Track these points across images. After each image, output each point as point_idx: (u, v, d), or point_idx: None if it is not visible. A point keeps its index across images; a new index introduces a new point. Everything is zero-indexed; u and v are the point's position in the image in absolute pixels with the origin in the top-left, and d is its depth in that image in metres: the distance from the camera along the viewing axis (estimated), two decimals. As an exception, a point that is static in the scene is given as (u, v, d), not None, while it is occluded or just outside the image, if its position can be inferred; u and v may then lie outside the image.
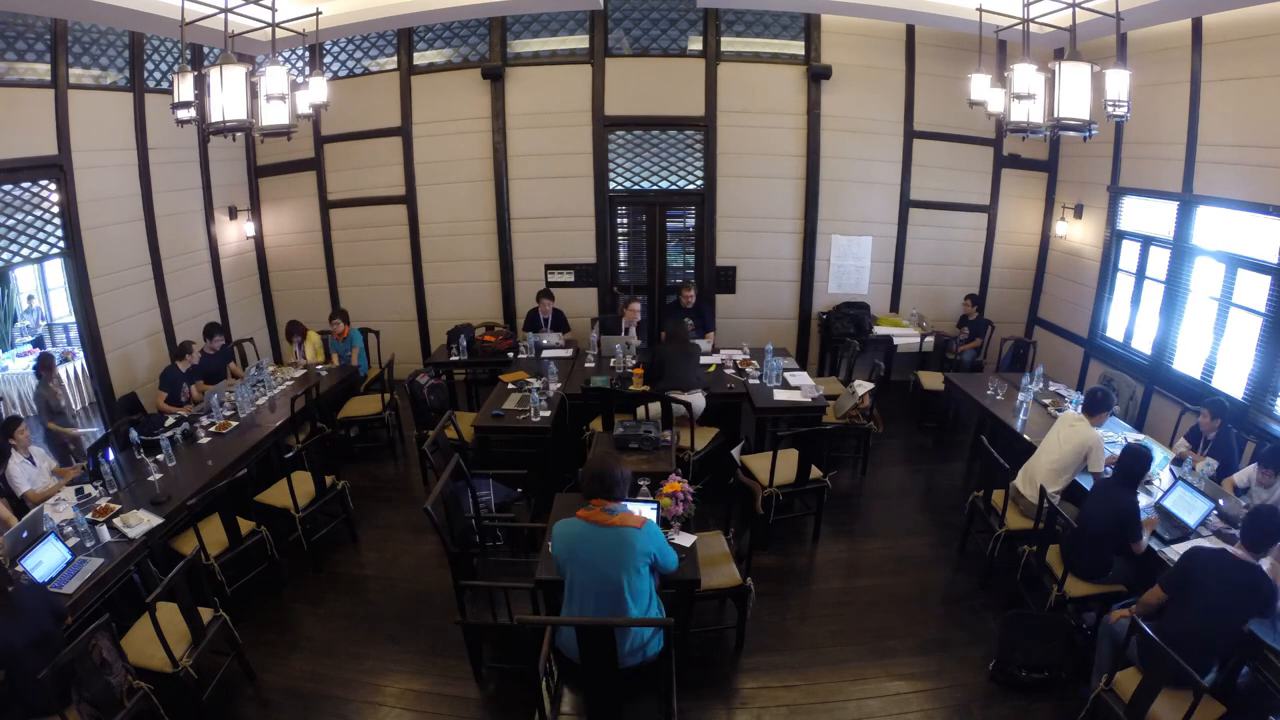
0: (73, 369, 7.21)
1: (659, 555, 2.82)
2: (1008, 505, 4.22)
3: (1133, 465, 3.56)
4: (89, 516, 3.72)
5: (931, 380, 6.57)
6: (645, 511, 3.26)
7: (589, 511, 2.81)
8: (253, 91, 3.60)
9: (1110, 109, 3.80)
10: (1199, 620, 2.88)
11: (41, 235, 5.31)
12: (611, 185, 7.40)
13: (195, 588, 3.61)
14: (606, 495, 2.82)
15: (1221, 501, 3.78)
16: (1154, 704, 2.73)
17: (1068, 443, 4.10)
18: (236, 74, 3.52)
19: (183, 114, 3.67)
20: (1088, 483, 4.04)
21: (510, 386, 5.59)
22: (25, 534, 3.41)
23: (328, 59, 7.29)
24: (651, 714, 2.90)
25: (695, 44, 7.09)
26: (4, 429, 4.25)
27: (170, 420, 5.01)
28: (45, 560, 3.29)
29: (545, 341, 6.67)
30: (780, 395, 5.35)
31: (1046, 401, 5.33)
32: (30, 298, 8.28)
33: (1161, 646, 2.64)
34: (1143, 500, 3.82)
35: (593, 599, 2.74)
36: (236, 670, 3.61)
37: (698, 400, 5.10)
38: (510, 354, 6.44)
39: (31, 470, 4.33)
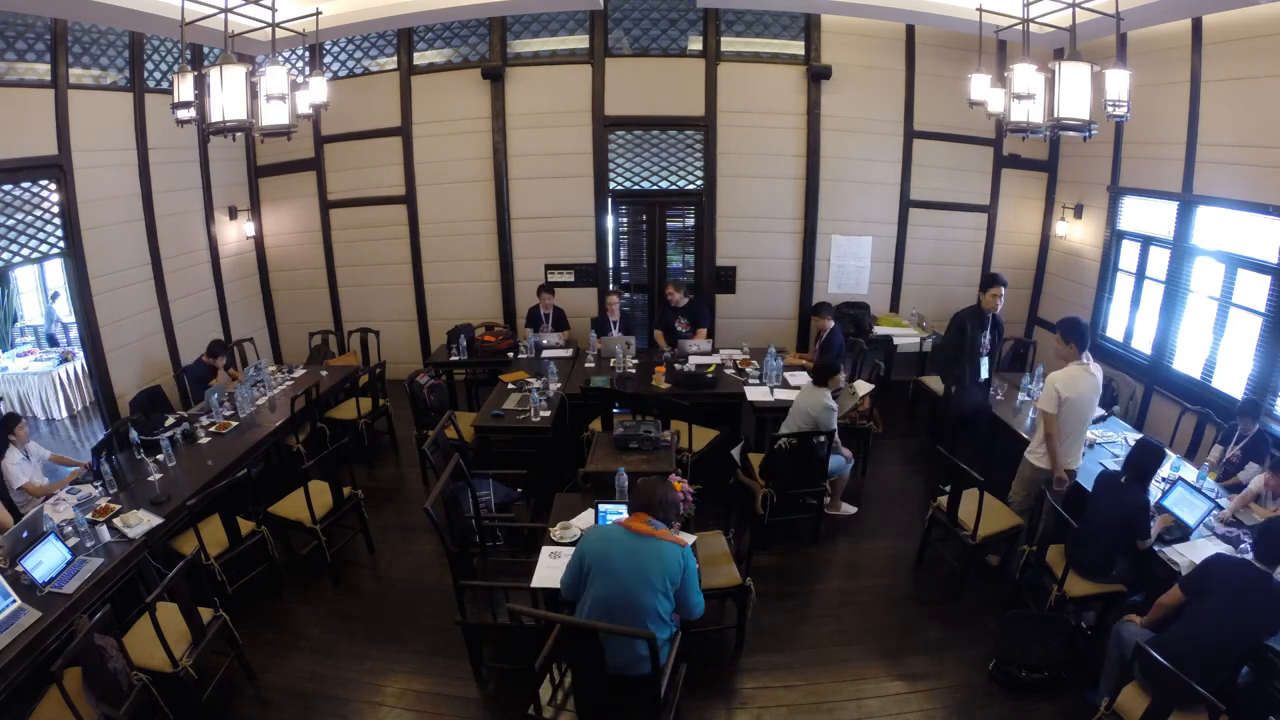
0: (72, 369, 7.23)
1: (686, 585, 2.75)
2: (981, 514, 4.05)
3: (1144, 461, 3.55)
4: (89, 516, 3.73)
5: (935, 383, 6.44)
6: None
7: (632, 520, 2.82)
8: (253, 91, 3.60)
9: (1110, 109, 3.80)
10: (1215, 627, 2.79)
11: (41, 235, 5.31)
12: (611, 185, 7.40)
13: (196, 588, 3.62)
14: (653, 515, 2.84)
15: (1223, 501, 3.78)
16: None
17: None
18: (236, 74, 3.52)
19: (183, 114, 3.66)
20: (1087, 481, 4.04)
21: (510, 386, 5.60)
22: (25, 534, 3.41)
23: (328, 59, 7.29)
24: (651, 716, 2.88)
25: (695, 44, 7.09)
26: (3, 424, 4.25)
27: (170, 420, 5.01)
28: (45, 560, 3.29)
29: (545, 341, 6.67)
30: (781, 395, 5.37)
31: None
32: (55, 295, 8.18)
33: (1171, 671, 2.54)
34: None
35: (603, 614, 2.67)
36: (237, 670, 3.62)
37: None
38: (510, 354, 6.44)
39: (29, 467, 4.33)
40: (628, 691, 2.73)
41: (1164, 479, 4.03)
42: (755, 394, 5.43)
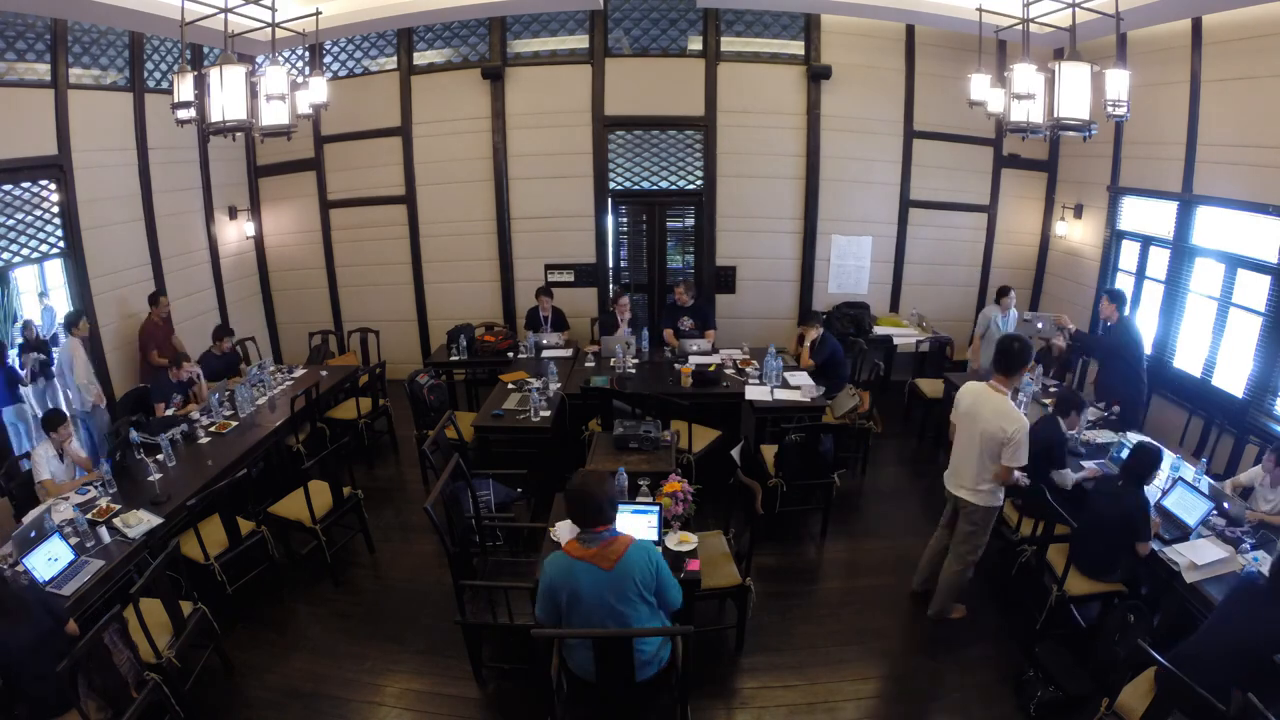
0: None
1: (661, 581, 2.61)
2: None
3: (1141, 463, 3.53)
4: (89, 516, 3.73)
5: (932, 387, 6.35)
6: (640, 527, 3.21)
7: (571, 549, 2.61)
8: (253, 91, 3.61)
9: (1110, 109, 3.80)
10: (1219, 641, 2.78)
11: (41, 235, 5.32)
12: (611, 185, 7.41)
13: (196, 587, 3.62)
14: (587, 528, 2.60)
15: (1226, 504, 3.78)
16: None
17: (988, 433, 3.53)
18: (236, 74, 3.53)
19: (183, 114, 3.67)
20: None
21: (510, 386, 5.60)
22: (33, 534, 3.42)
23: (328, 59, 7.29)
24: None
25: (695, 44, 7.09)
26: (45, 420, 4.24)
27: (170, 412, 5.01)
28: (48, 560, 3.29)
29: (545, 341, 6.67)
30: (781, 395, 5.37)
31: (1046, 402, 5.33)
32: (43, 295, 8.22)
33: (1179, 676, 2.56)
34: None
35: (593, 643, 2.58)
36: (235, 672, 3.63)
37: None
38: (510, 354, 6.44)
39: (58, 466, 4.30)
40: (641, 694, 2.69)
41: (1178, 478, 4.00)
42: (755, 394, 5.42)
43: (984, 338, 6.25)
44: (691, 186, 7.41)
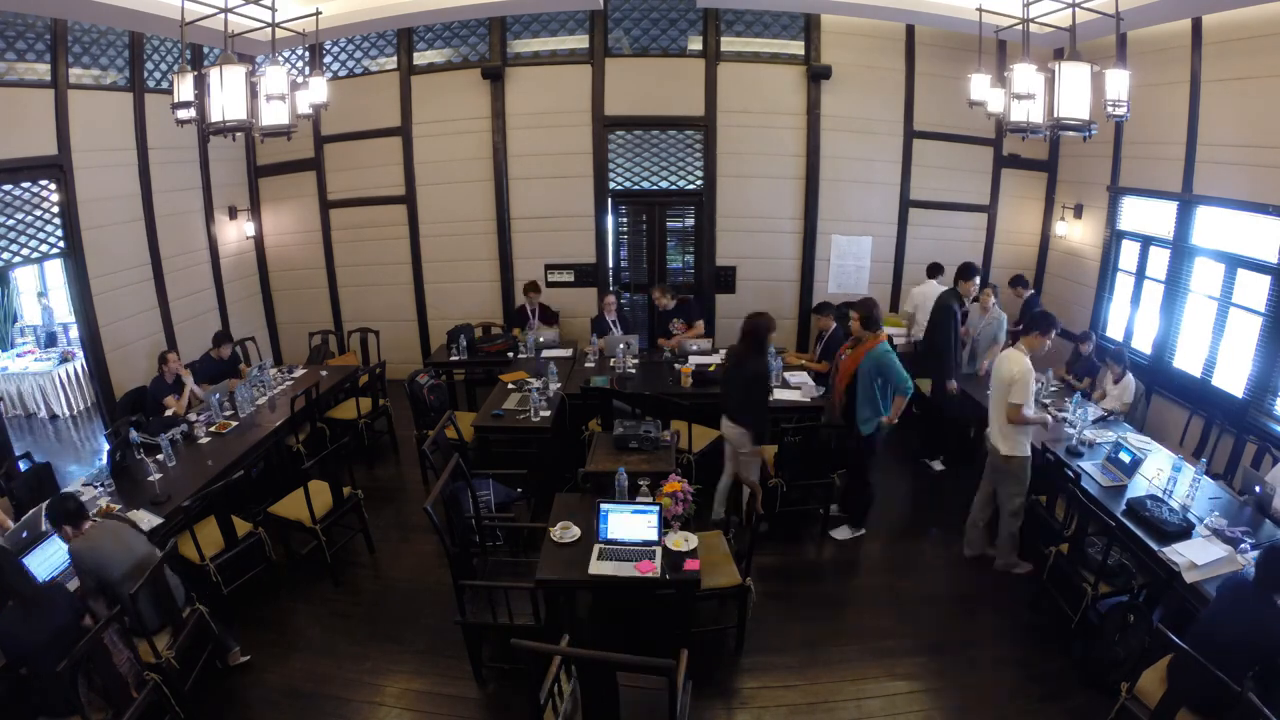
0: (72, 369, 7.23)
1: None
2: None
3: None
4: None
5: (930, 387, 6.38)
6: (640, 527, 3.24)
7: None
8: (253, 91, 3.60)
9: (1110, 109, 3.80)
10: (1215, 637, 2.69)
11: (41, 235, 5.31)
12: (611, 185, 7.41)
13: (197, 588, 3.62)
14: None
15: (1258, 487, 3.83)
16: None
17: (999, 378, 4.15)
18: (236, 74, 3.52)
19: (183, 114, 3.66)
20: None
21: (510, 386, 5.60)
22: (25, 534, 3.42)
23: (328, 59, 7.29)
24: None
25: (695, 44, 7.09)
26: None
27: (170, 414, 5.00)
28: (47, 560, 3.29)
29: (543, 339, 6.64)
30: (781, 395, 5.36)
31: (1046, 401, 5.33)
32: (41, 295, 8.25)
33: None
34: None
35: None
36: (241, 677, 3.63)
37: (731, 433, 4.60)
38: (510, 354, 6.45)
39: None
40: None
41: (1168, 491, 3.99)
42: (755, 394, 5.41)
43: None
44: (691, 186, 7.41)
